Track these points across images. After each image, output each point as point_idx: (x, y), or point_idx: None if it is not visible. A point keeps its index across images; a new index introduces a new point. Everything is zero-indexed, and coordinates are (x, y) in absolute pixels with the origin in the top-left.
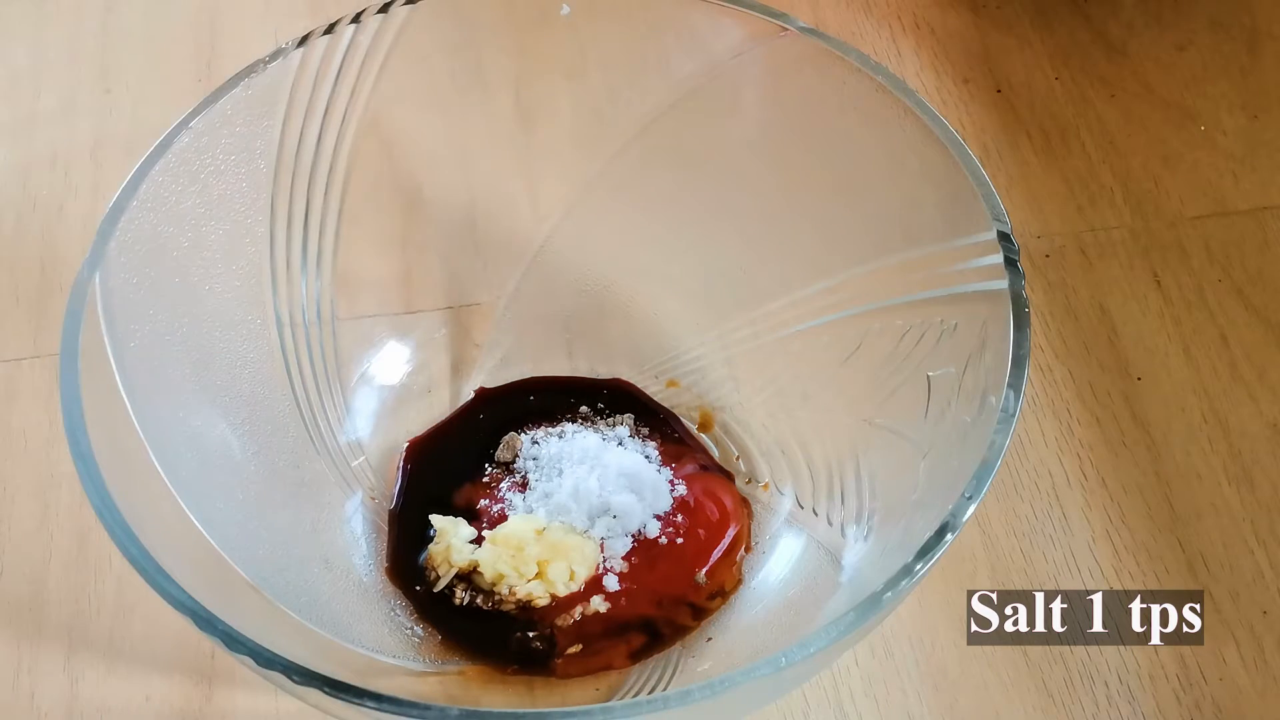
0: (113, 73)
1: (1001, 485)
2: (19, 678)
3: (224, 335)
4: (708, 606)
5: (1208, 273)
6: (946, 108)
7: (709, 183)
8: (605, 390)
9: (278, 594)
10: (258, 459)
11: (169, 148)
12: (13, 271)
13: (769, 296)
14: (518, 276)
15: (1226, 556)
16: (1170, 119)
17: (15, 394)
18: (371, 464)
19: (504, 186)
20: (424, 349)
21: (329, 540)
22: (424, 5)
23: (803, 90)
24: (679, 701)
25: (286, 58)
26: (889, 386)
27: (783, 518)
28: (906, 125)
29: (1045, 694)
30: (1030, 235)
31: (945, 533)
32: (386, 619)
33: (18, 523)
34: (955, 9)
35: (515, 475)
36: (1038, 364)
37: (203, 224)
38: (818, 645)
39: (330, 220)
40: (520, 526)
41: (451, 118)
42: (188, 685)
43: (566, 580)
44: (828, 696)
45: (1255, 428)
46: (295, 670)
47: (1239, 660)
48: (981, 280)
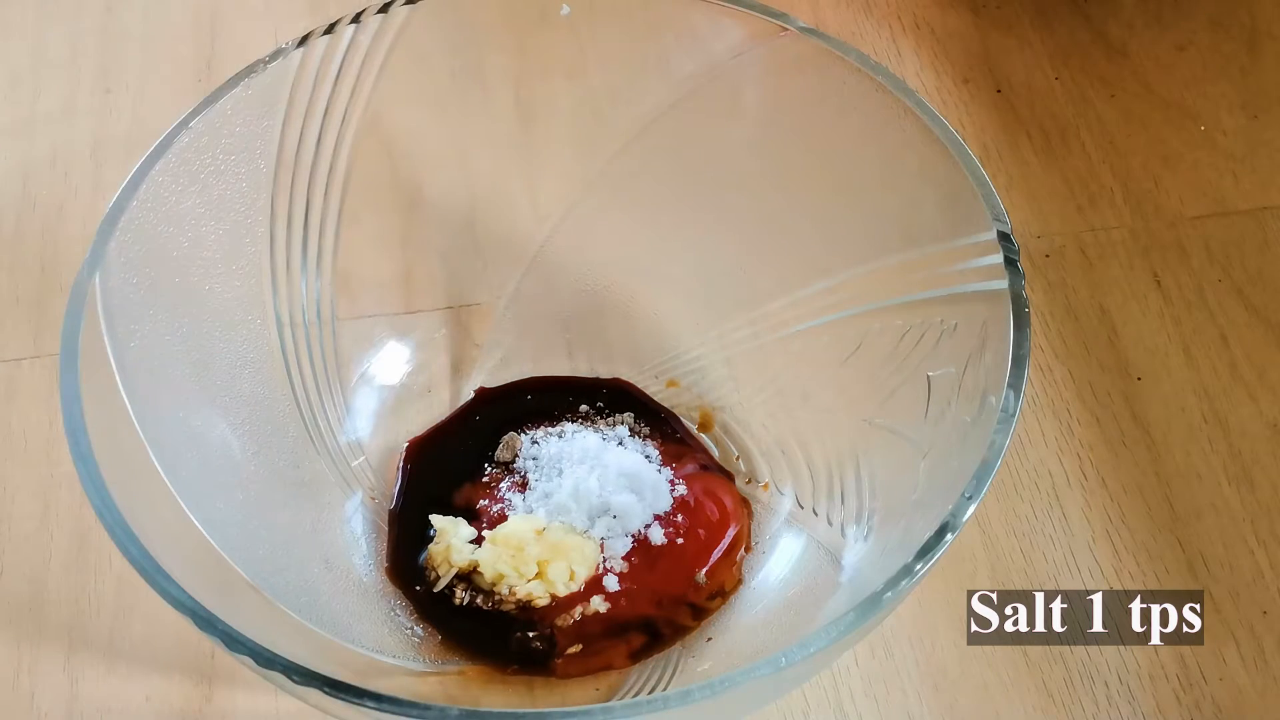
0: (113, 73)
1: (1001, 485)
2: (19, 678)
3: (224, 335)
4: (708, 606)
5: (1208, 273)
6: (946, 108)
7: (709, 182)
8: (605, 390)
9: (278, 594)
10: (258, 459)
11: (169, 148)
12: (13, 271)
13: (769, 296)
14: (518, 276)
15: (1226, 556)
16: (1170, 119)
17: (15, 394)
18: (371, 464)
19: (504, 186)
20: (424, 349)
21: (329, 540)
22: (424, 5)
23: (803, 90)
24: (679, 701)
25: (286, 58)
26: (889, 386)
27: (783, 518)
28: (906, 125)
29: (1045, 694)
30: (1030, 235)
31: (945, 533)
32: (386, 619)
33: (18, 523)
34: (955, 9)
35: (515, 475)
36: (1038, 364)
37: (203, 224)
38: (818, 645)
39: (330, 220)
40: (520, 526)
41: (451, 118)
42: (188, 685)
43: (566, 580)
44: (828, 696)
45: (1255, 428)
46: (295, 670)
47: (1239, 660)
48: (981, 280)
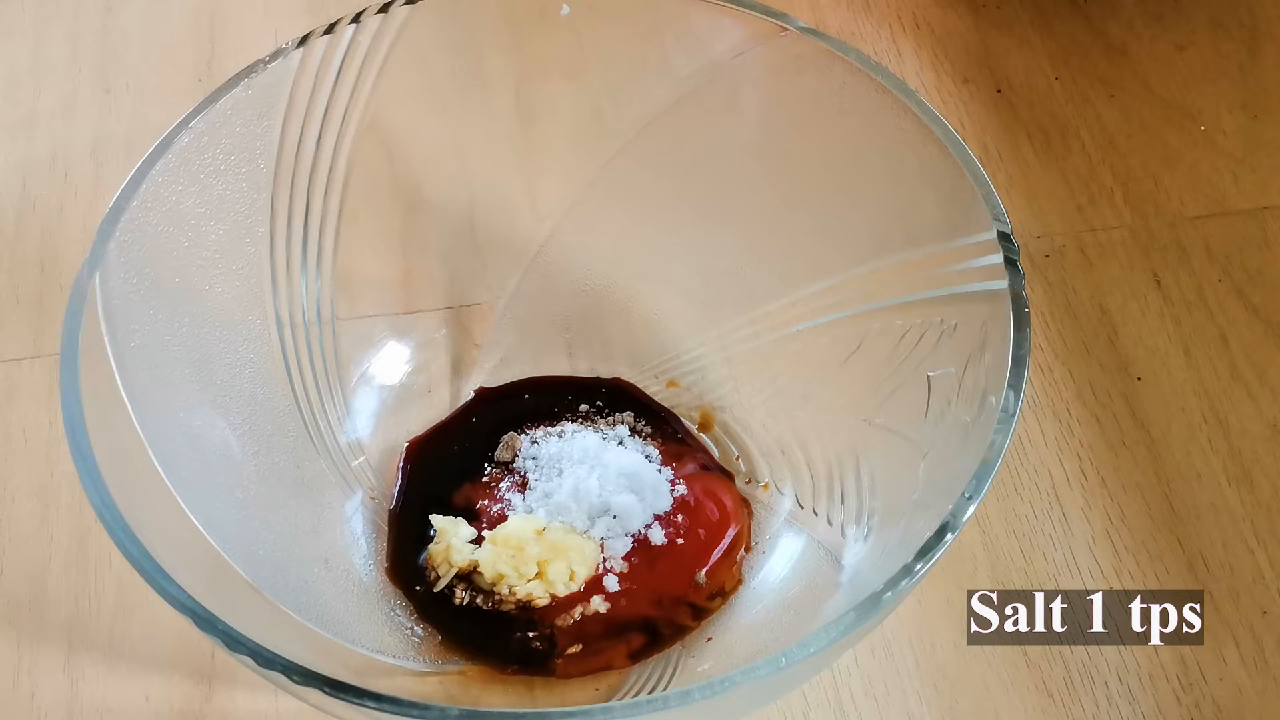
0: (113, 73)
1: (1001, 485)
2: (19, 678)
3: (224, 335)
4: (708, 606)
5: (1208, 273)
6: (946, 108)
7: (709, 183)
8: (605, 390)
9: (278, 594)
10: (258, 459)
11: (169, 148)
12: (13, 271)
13: (769, 296)
14: (518, 276)
15: (1226, 556)
16: (1170, 119)
17: (15, 394)
18: (371, 464)
19: (504, 186)
20: (424, 349)
21: (329, 540)
22: (424, 5)
23: (803, 90)
24: (679, 701)
25: (286, 58)
26: (889, 386)
27: (783, 518)
28: (906, 125)
29: (1045, 694)
30: (1030, 235)
31: (945, 533)
32: (386, 619)
33: (18, 523)
34: (955, 9)
35: (515, 475)
36: (1038, 364)
37: (203, 224)
38: (818, 645)
39: (330, 220)
40: (520, 526)
41: (451, 118)
42: (188, 685)
43: (566, 580)
44: (828, 696)
45: (1255, 428)
46: (295, 670)
47: (1239, 660)
48: (981, 280)
